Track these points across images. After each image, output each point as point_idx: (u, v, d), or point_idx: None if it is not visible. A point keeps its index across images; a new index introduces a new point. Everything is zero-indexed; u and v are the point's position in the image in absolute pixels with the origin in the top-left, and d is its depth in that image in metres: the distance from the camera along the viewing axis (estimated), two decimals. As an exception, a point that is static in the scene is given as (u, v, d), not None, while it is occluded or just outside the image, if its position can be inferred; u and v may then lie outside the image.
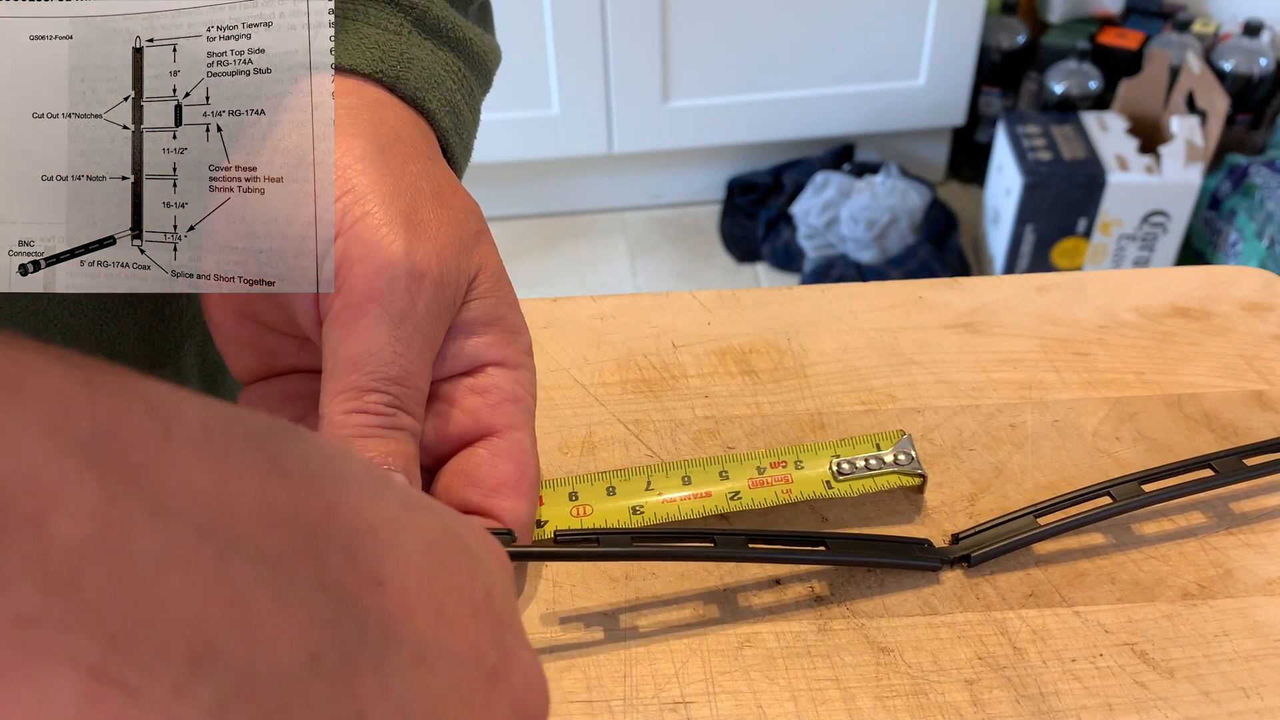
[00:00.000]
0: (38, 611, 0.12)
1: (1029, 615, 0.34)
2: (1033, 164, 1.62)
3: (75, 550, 0.12)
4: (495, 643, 0.19)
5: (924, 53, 1.77)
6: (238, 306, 0.36)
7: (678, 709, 0.31)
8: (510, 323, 0.34)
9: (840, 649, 0.33)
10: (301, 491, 0.15)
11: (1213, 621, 0.34)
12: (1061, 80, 1.77)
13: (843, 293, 0.46)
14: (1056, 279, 0.47)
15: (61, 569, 0.12)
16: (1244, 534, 0.36)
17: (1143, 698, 0.32)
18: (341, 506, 0.16)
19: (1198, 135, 1.60)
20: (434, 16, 0.38)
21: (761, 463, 0.37)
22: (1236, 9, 1.83)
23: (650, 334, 0.44)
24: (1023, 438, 0.40)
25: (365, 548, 0.16)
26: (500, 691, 0.18)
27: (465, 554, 0.19)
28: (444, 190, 0.33)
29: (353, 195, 0.31)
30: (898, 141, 1.93)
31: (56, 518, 0.12)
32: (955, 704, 0.31)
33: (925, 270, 1.72)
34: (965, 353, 0.43)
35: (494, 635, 0.19)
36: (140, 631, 0.12)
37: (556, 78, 1.74)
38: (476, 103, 0.40)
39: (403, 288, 0.31)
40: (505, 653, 0.19)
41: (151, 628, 0.12)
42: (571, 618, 0.34)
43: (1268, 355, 0.43)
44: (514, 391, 0.34)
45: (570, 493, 0.36)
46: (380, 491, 0.17)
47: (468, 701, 0.17)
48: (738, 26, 1.72)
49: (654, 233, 1.92)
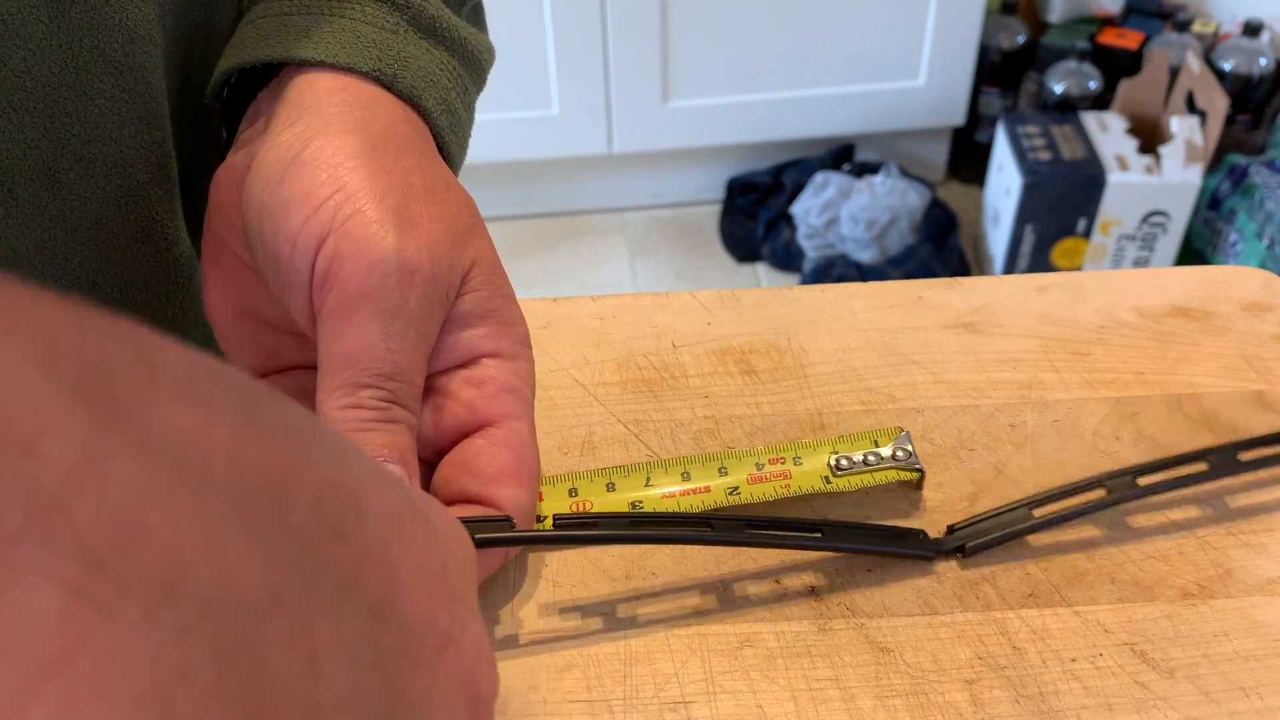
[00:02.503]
0: (25, 529, 0.12)
1: (1029, 615, 0.34)
2: (1033, 164, 1.62)
3: (64, 474, 0.13)
4: (448, 611, 0.19)
5: (924, 53, 1.77)
6: (238, 304, 0.36)
7: (678, 709, 0.31)
8: (505, 314, 0.34)
9: (840, 649, 0.33)
10: (273, 443, 0.16)
11: (1213, 621, 0.34)
12: (1061, 80, 1.77)
13: (842, 293, 0.46)
14: (1056, 279, 0.47)
15: (50, 491, 0.12)
16: (1244, 534, 0.36)
17: (1143, 698, 0.32)
18: (309, 463, 0.17)
19: (1197, 135, 1.60)
20: (429, 15, 0.38)
21: (760, 459, 0.37)
22: (1236, 9, 1.83)
23: (650, 334, 0.44)
24: (1022, 438, 0.40)
25: (329, 502, 0.17)
26: (449, 656, 0.19)
27: (424, 525, 0.20)
28: (436, 186, 0.33)
29: (344, 193, 0.31)
30: (898, 141, 1.93)
31: (48, 443, 0.13)
32: (955, 704, 0.31)
33: (925, 270, 1.72)
34: (965, 353, 0.43)
35: (447, 604, 0.19)
36: (118, 555, 0.13)
37: (556, 78, 1.74)
38: (471, 101, 0.40)
39: (394, 284, 0.31)
40: (456, 621, 0.19)
41: (129, 552, 0.13)
42: (571, 616, 0.34)
43: (1267, 355, 0.43)
44: (510, 382, 0.34)
45: (570, 488, 0.36)
46: (347, 457, 0.18)
47: (416, 661, 0.18)
48: (738, 26, 1.72)
49: (654, 233, 1.92)
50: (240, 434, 0.15)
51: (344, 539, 0.17)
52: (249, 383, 0.17)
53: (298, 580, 0.15)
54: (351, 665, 0.16)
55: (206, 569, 0.14)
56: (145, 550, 0.13)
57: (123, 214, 0.36)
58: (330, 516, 0.17)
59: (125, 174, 0.36)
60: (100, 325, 0.14)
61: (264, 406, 0.17)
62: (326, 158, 0.32)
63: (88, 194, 0.35)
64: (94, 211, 0.35)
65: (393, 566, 0.18)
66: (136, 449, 0.14)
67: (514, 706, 0.31)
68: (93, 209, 0.35)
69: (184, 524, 0.14)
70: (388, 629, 0.17)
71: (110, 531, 0.13)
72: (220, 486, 0.15)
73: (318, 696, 0.15)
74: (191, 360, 0.16)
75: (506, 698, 0.32)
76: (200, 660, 0.14)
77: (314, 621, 0.16)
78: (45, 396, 0.13)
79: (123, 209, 0.36)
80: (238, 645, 0.14)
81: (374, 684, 0.17)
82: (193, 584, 0.14)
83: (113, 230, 0.36)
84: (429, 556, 0.19)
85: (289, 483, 0.16)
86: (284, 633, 0.15)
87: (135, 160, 0.36)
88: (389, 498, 0.19)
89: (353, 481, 0.18)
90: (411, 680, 0.18)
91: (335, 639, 0.16)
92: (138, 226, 0.37)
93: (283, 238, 0.32)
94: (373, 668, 0.17)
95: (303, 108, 0.34)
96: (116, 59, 0.34)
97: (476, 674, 0.20)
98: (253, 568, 0.15)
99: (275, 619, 0.15)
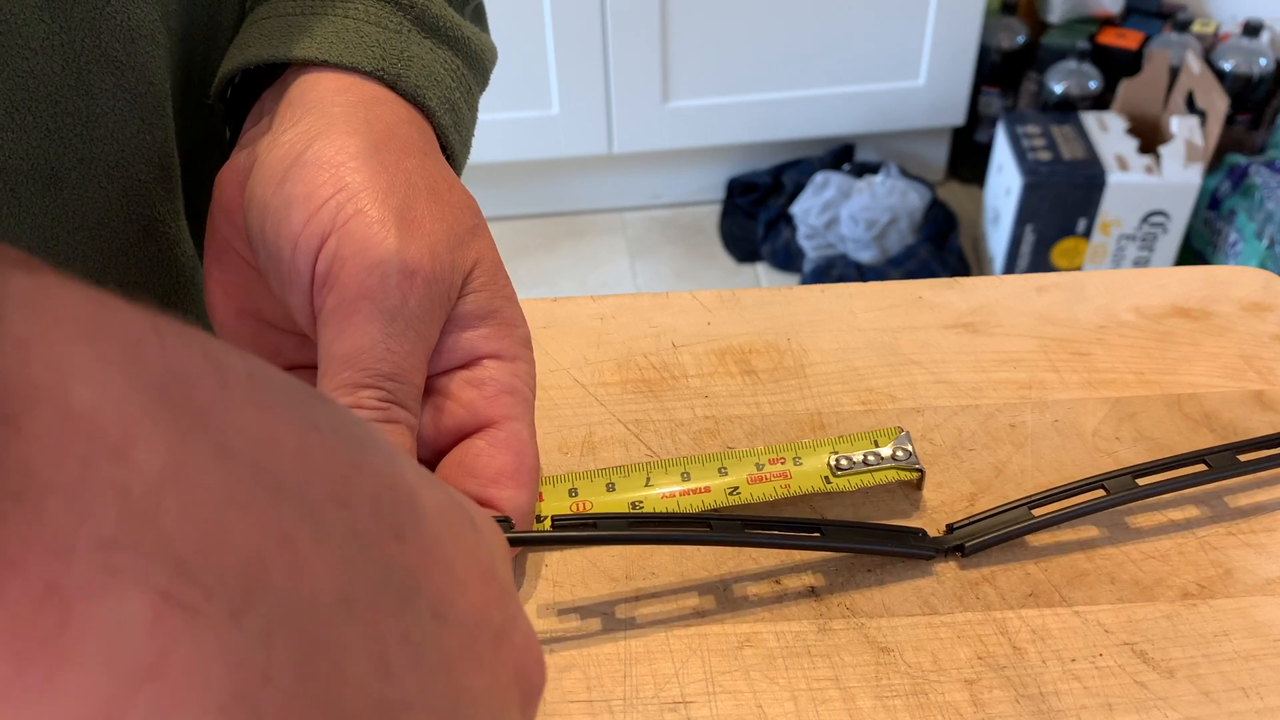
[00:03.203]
0: (118, 535, 0.12)
1: (1029, 615, 0.34)
2: (1032, 164, 1.62)
3: (152, 481, 0.13)
4: (500, 607, 0.19)
5: (924, 53, 1.77)
6: (241, 304, 0.36)
7: (678, 709, 0.31)
8: (506, 315, 0.34)
9: (840, 649, 0.33)
10: (332, 446, 0.16)
11: (1213, 621, 0.34)
12: (1061, 80, 1.77)
13: (842, 293, 0.46)
14: (1056, 279, 0.47)
15: (140, 497, 0.13)
16: (1244, 534, 0.36)
17: (1143, 697, 0.32)
18: (365, 464, 0.17)
19: (1197, 135, 1.60)
20: (433, 15, 0.38)
21: (760, 459, 0.37)
22: (1236, 9, 1.83)
23: (650, 334, 0.44)
24: (1022, 438, 0.40)
25: (388, 503, 0.17)
26: (505, 652, 0.19)
27: (470, 524, 0.20)
28: (439, 186, 0.33)
29: (346, 193, 0.31)
30: (897, 141, 1.93)
31: (137, 449, 0.13)
32: (955, 704, 0.31)
33: (925, 270, 1.72)
34: (965, 353, 0.43)
35: (499, 600, 0.19)
36: (204, 559, 0.13)
37: (556, 78, 1.74)
38: (474, 100, 0.40)
39: (394, 285, 0.31)
40: (508, 618, 0.20)
41: (214, 556, 0.13)
42: (570, 614, 0.34)
43: (1267, 355, 0.43)
44: (510, 383, 0.34)
45: (570, 489, 0.36)
46: (397, 458, 0.18)
47: (478, 658, 0.18)
48: (737, 26, 1.72)
49: (654, 233, 1.92)
50: (304, 436, 0.16)
51: (403, 540, 0.17)
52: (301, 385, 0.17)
53: (365, 582, 0.16)
54: (419, 666, 0.16)
55: (284, 573, 0.14)
56: (228, 555, 0.13)
57: (124, 214, 0.36)
58: (390, 518, 0.17)
59: (127, 174, 0.36)
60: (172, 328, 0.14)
61: (318, 408, 0.17)
62: (329, 158, 0.32)
63: (89, 194, 0.35)
64: (96, 211, 0.35)
65: (449, 565, 0.18)
66: (216, 454, 0.14)
67: (515, 706, 0.32)
68: (94, 209, 0.35)
69: (263, 528, 0.14)
70: (448, 628, 0.17)
71: (196, 536, 0.13)
72: (291, 489, 0.15)
73: (389, 697, 0.15)
74: (250, 363, 0.16)
75: (507, 697, 0.32)
76: (282, 663, 0.14)
77: (383, 623, 0.16)
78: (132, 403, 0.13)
79: (124, 209, 0.36)
80: (315, 648, 0.14)
81: (441, 684, 0.17)
82: (272, 588, 0.14)
83: (114, 230, 0.36)
84: (479, 554, 0.19)
85: (350, 484, 0.16)
86: (356, 635, 0.15)
87: (137, 160, 0.36)
88: (440, 497, 0.19)
89: (407, 482, 0.18)
90: (474, 678, 0.18)
91: (402, 640, 0.16)
92: (139, 226, 0.37)
93: (284, 238, 0.32)
94: (439, 668, 0.17)
95: (306, 107, 0.34)
96: (119, 59, 0.34)
97: (528, 666, 0.20)
98: (325, 571, 0.15)
99: (347, 623, 0.15)
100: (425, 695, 0.16)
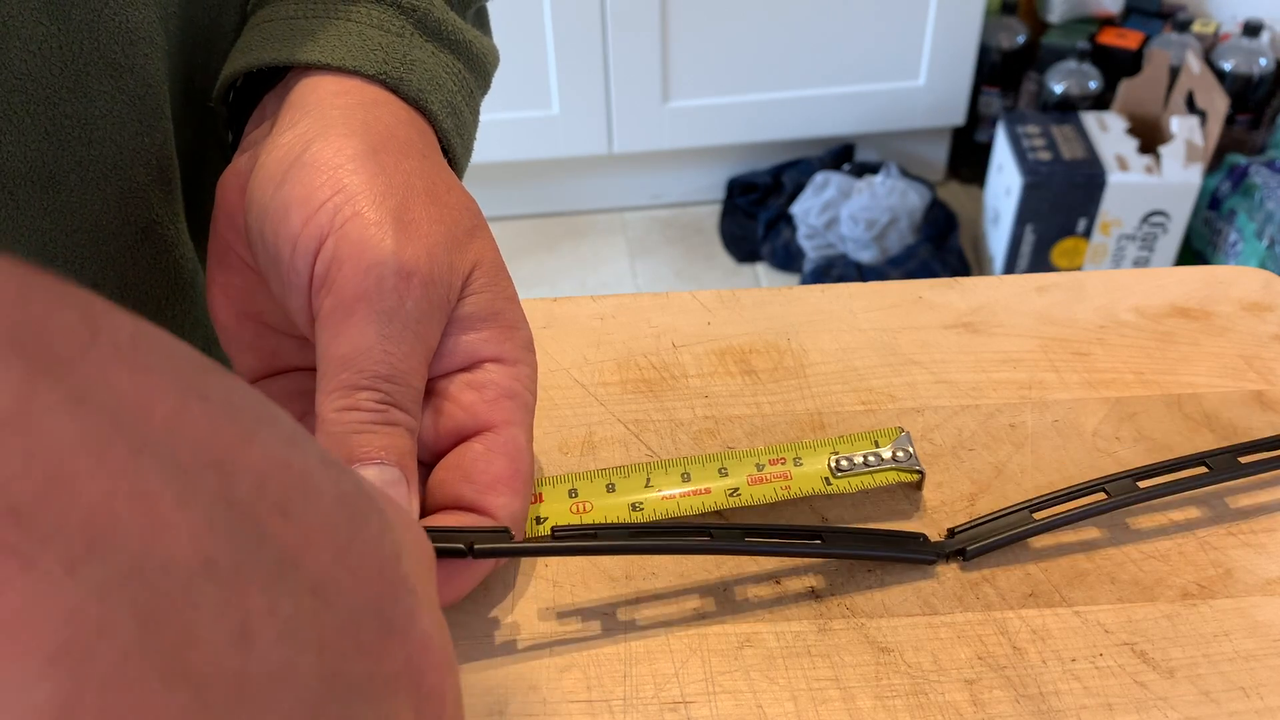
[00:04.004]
0: None
1: (1029, 615, 0.34)
2: (1033, 164, 1.62)
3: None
4: (395, 599, 0.19)
5: (924, 53, 1.78)
6: (241, 307, 0.36)
7: (678, 709, 0.31)
8: (508, 318, 0.34)
9: (840, 649, 0.33)
10: (219, 417, 0.16)
11: (1213, 621, 0.34)
12: (1061, 80, 1.77)
13: (842, 293, 0.46)
14: (1056, 279, 0.47)
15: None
16: (1244, 534, 0.36)
17: (1143, 698, 0.32)
18: (256, 440, 0.17)
19: (1197, 135, 1.60)
20: (435, 19, 0.38)
21: (760, 459, 0.37)
22: (1236, 9, 1.83)
23: (650, 334, 0.44)
24: (1022, 438, 0.40)
25: (275, 479, 0.17)
26: (395, 644, 0.19)
27: (377, 514, 0.19)
28: (438, 187, 0.33)
29: (343, 195, 0.31)
30: (897, 141, 1.93)
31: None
32: (955, 704, 0.31)
33: (925, 270, 1.72)
34: (965, 353, 0.43)
35: (395, 594, 0.19)
36: (43, 506, 0.13)
37: (556, 78, 1.74)
38: (476, 104, 0.40)
39: (391, 286, 0.31)
40: (405, 613, 0.19)
41: (54, 504, 0.13)
42: (570, 616, 0.34)
43: (1267, 355, 0.43)
44: (511, 387, 0.34)
45: (570, 490, 0.36)
46: (300, 442, 0.18)
47: (360, 645, 0.18)
48: (737, 26, 1.72)
49: (654, 233, 1.92)
50: (184, 402, 0.15)
51: (288, 516, 0.17)
52: (200, 358, 0.17)
53: (233, 549, 0.15)
54: (286, 641, 0.16)
55: (135, 529, 0.14)
56: (71, 504, 0.13)
57: (123, 216, 0.36)
58: (275, 493, 0.17)
59: (125, 176, 0.36)
60: (44, 284, 0.14)
61: (212, 380, 0.16)
62: (327, 159, 0.32)
63: (88, 196, 0.35)
64: (94, 214, 0.35)
65: (341, 550, 0.18)
66: (70, 403, 0.14)
67: (514, 706, 0.32)
68: (93, 211, 0.35)
69: (115, 480, 0.14)
70: (329, 608, 0.17)
71: (35, 482, 0.13)
72: (158, 449, 0.15)
73: (248, 669, 0.15)
74: (139, 328, 0.16)
75: (506, 697, 0.32)
76: (121, 618, 0.13)
77: (248, 592, 0.15)
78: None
79: (123, 211, 0.36)
80: (163, 606, 0.14)
81: (310, 662, 0.16)
82: (119, 542, 0.14)
83: (113, 232, 0.36)
84: (380, 546, 0.19)
85: (232, 457, 0.16)
86: (214, 600, 0.15)
87: (136, 162, 0.36)
88: (343, 484, 0.19)
89: (303, 464, 0.17)
90: (351, 663, 0.18)
91: (268, 611, 0.16)
92: (138, 228, 0.37)
93: (283, 240, 0.32)
94: (310, 646, 0.17)
95: (305, 110, 0.34)
96: (117, 61, 0.34)
97: (425, 665, 0.20)
98: (185, 532, 0.15)
99: (205, 586, 0.15)
100: (292, 671, 0.16)
